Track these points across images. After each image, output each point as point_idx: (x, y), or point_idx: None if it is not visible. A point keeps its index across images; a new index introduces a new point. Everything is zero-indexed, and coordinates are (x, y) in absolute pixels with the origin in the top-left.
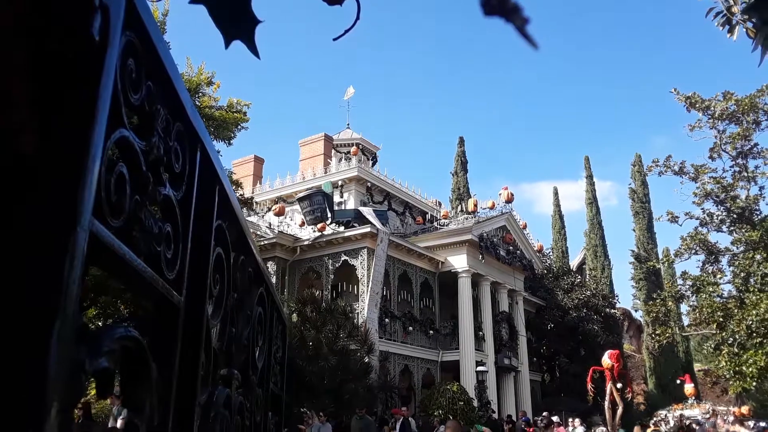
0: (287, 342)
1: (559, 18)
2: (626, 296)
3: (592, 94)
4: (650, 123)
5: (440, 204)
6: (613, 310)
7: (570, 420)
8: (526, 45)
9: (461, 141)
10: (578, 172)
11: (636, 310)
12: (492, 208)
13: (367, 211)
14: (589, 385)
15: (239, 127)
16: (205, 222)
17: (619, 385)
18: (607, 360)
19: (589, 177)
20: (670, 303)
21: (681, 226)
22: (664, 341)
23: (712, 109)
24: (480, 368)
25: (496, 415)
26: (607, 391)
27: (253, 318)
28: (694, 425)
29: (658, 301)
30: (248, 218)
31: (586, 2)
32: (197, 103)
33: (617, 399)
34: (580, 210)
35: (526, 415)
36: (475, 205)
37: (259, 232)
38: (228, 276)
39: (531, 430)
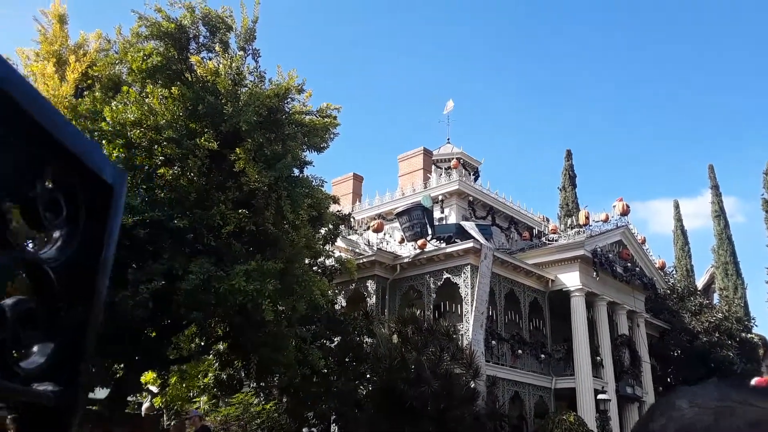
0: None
1: (669, 18)
2: (763, 320)
3: (709, 106)
4: None
5: (548, 219)
6: (749, 335)
7: None
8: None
9: (569, 154)
10: (696, 188)
11: None
12: (605, 221)
13: (470, 226)
14: None
15: (331, 134)
16: None
17: None
18: None
19: (715, 187)
20: None
21: None
22: None
23: None
24: (602, 396)
25: None
26: None
27: None
28: None
29: None
30: (348, 236)
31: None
32: (287, 108)
33: None
34: (699, 228)
35: None
36: (587, 218)
37: (357, 250)
38: None
39: None
